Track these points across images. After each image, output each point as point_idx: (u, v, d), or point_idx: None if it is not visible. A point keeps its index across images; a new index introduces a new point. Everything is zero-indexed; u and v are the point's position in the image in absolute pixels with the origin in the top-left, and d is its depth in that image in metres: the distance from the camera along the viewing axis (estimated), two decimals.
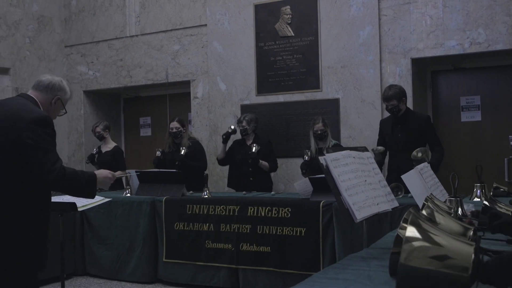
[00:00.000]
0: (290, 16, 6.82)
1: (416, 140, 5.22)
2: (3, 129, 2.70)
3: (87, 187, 2.85)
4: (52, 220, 5.37)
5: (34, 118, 2.71)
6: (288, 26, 6.85)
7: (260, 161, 6.05)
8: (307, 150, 5.81)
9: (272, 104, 6.95)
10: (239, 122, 6.30)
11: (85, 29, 8.44)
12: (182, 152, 6.13)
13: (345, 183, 2.52)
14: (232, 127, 6.39)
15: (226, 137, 6.30)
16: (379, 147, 5.35)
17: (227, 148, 6.39)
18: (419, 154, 5.14)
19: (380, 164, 5.56)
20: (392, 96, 5.20)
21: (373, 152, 5.53)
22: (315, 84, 6.70)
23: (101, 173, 3.00)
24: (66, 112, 3.08)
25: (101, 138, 6.92)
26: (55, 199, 4.25)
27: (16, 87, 7.88)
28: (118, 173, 6.61)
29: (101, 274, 5.83)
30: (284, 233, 4.90)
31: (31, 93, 2.93)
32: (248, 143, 6.20)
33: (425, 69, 6.72)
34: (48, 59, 8.37)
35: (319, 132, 5.83)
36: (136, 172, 5.52)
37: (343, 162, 2.60)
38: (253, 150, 5.98)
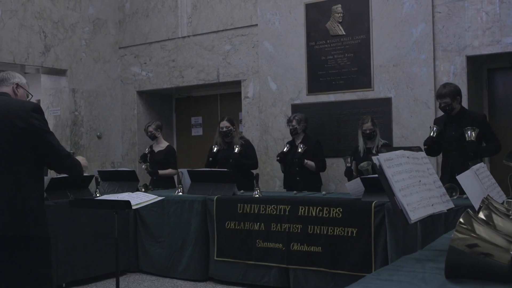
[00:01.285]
0: (341, 14, 6.77)
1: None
2: (8, 120, 2.91)
3: (81, 168, 3.25)
4: (107, 218, 5.55)
5: (32, 107, 2.99)
6: (339, 25, 6.79)
7: (306, 161, 6.03)
8: (347, 157, 5.84)
9: (323, 104, 6.91)
10: (289, 121, 6.30)
11: (139, 31, 8.62)
12: (236, 150, 6.17)
13: (399, 183, 2.48)
14: (286, 148, 6.26)
15: (281, 158, 6.22)
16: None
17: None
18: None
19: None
20: (446, 94, 5.08)
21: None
22: (367, 83, 6.62)
23: (81, 159, 3.35)
24: (32, 95, 3.31)
25: (153, 137, 7.01)
26: (109, 197, 4.36)
27: (73, 88, 8.12)
28: (168, 171, 6.83)
29: (154, 271, 5.94)
30: (335, 233, 4.86)
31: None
32: (297, 142, 6.19)
33: (481, 67, 6.54)
34: (103, 60, 8.58)
35: (367, 131, 5.78)
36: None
37: (397, 162, 2.56)
38: (299, 150, 6.00)
